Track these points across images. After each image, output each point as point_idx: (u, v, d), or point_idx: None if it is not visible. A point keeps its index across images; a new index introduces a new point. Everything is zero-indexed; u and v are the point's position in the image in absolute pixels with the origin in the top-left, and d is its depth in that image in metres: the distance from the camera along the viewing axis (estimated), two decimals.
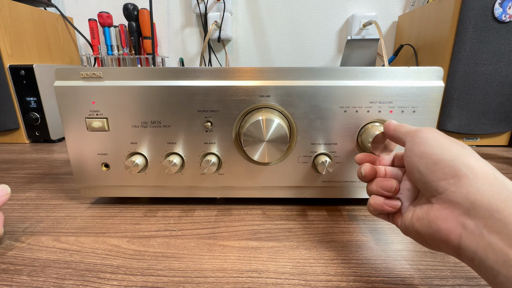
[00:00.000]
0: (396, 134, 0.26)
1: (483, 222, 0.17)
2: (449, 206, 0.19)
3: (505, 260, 0.16)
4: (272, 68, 0.32)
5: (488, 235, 0.17)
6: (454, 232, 0.18)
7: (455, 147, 0.21)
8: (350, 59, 0.78)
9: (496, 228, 0.17)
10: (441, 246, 0.20)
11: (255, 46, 0.94)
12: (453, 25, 0.58)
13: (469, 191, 0.18)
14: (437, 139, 0.22)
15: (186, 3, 0.89)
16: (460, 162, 0.19)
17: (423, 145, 0.22)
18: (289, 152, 0.35)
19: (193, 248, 0.29)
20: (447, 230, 0.19)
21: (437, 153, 0.20)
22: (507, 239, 0.16)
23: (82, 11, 0.91)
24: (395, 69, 0.32)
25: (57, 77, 0.33)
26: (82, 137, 0.35)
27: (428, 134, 0.22)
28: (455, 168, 0.19)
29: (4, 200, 0.29)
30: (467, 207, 0.18)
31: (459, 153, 0.20)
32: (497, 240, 0.16)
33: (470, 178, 0.18)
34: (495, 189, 0.18)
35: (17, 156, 0.59)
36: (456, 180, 0.19)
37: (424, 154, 0.21)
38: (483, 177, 0.18)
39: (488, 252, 0.17)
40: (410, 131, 0.24)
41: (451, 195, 0.19)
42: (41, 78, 0.66)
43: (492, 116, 0.62)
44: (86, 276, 0.25)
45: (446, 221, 0.19)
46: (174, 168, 0.34)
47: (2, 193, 0.29)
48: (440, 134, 0.23)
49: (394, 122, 0.28)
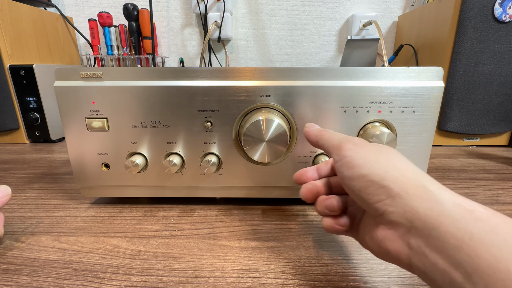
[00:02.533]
0: (320, 146, 0.25)
1: (424, 240, 0.16)
2: (392, 227, 0.18)
3: (450, 281, 0.15)
4: (272, 68, 0.32)
5: (431, 254, 0.16)
6: (403, 253, 0.17)
7: (380, 161, 0.19)
8: (350, 59, 0.78)
9: (437, 247, 0.16)
10: (396, 263, 0.19)
11: (255, 46, 0.94)
12: (453, 25, 0.58)
13: (405, 210, 0.17)
14: (361, 156, 0.20)
15: (186, 3, 0.89)
16: (390, 181, 0.18)
17: (350, 168, 0.20)
18: (289, 152, 0.35)
19: (193, 248, 0.29)
20: (396, 251, 0.18)
21: (365, 174, 0.19)
22: (448, 258, 0.15)
23: (82, 11, 0.91)
24: (395, 69, 0.32)
25: (57, 77, 0.33)
26: (82, 137, 0.35)
27: (352, 150, 0.21)
28: (386, 188, 0.18)
29: (4, 201, 0.29)
30: (408, 226, 0.17)
31: (385, 170, 0.19)
32: (439, 260, 0.15)
33: (402, 196, 0.17)
34: (427, 205, 0.17)
35: (17, 156, 0.59)
36: (391, 200, 0.18)
37: (353, 177, 0.20)
38: (414, 193, 0.17)
39: (435, 272, 0.16)
40: (333, 145, 0.23)
41: (391, 215, 0.18)
42: (41, 78, 0.66)
43: (492, 116, 0.62)
44: (86, 276, 0.25)
45: (393, 242, 0.18)
46: (174, 168, 0.34)
47: (3, 194, 0.29)
48: (363, 145, 0.21)
49: (315, 130, 0.26)
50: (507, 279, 0.13)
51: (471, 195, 0.41)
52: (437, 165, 0.54)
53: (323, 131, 0.25)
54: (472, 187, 0.44)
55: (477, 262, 0.14)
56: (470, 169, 0.52)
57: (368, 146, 0.21)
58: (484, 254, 0.14)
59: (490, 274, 0.13)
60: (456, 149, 0.65)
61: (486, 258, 0.14)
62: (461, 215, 0.16)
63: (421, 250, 0.16)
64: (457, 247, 0.15)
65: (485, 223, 0.15)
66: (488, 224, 0.15)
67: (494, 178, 0.48)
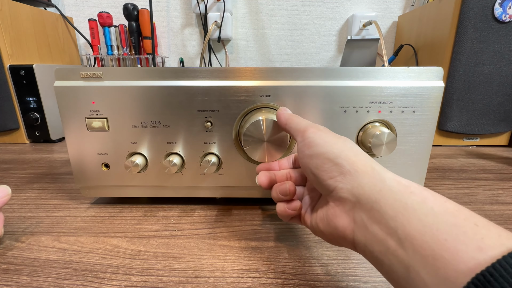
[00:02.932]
0: (287, 129, 0.27)
1: (366, 214, 0.18)
2: (341, 203, 0.20)
3: (386, 249, 0.16)
4: (272, 68, 0.32)
5: (371, 226, 0.17)
6: (348, 228, 0.19)
7: (338, 143, 0.22)
8: (350, 59, 0.78)
9: (376, 218, 0.17)
10: (342, 242, 0.20)
11: (255, 46, 0.94)
12: (453, 25, 0.58)
13: (353, 186, 0.19)
14: (322, 138, 0.22)
15: (186, 3, 0.89)
16: (343, 159, 0.20)
17: (311, 146, 0.22)
18: (289, 152, 0.35)
19: (193, 248, 0.29)
20: (343, 226, 0.19)
21: (323, 152, 0.21)
22: (385, 228, 0.17)
23: (82, 11, 0.91)
24: (395, 69, 0.32)
25: (57, 77, 0.33)
26: (82, 137, 0.35)
27: (315, 133, 0.23)
28: (339, 166, 0.20)
29: (4, 201, 0.29)
30: (353, 202, 0.19)
31: (341, 150, 0.21)
32: (378, 230, 0.17)
33: (352, 173, 0.20)
34: (372, 181, 0.19)
35: (17, 156, 0.59)
36: (342, 177, 0.20)
37: (312, 155, 0.22)
38: (363, 170, 0.19)
39: (373, 243, 0.17)
40: (299, 129, 0.24)
41: (340, 191, 0.20)
42: (41, 78, 0.66)
43: (492, 116, 0.62)
44: (86, 276, 0.25)
45: (341, 217, 0.20)
46: (174, 168, 0.34)
47: (3, 194, 0.29)
48: (326, 131, 0.23)
49: (286, 113, 0.28)
50: (431, 241, 0.14)
51: (471, 195, 0.41)
52: (437, 165, 0.54)
53: (293, 116, 0.27)
54: (472, 187, 0.44)
55: (408, 228, 0.16)
56: (470, 169, 0.52)
57: (330, 132, 0.24)
58: (414, 221, 0.16)
59: (418, 238, 0.15)
60: (456, 149, 0.65)
61: (415, 224, 0.15)
62: (399, 189, 0.18)
63: (363, 223, 0.18)
64: (393, 217, 0.16)
65: (418, 196, 0.17)
66: (420, 197, 0.17)
67: (494, 178, 0.48)
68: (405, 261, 0.15)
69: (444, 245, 0.14)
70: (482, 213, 0.36)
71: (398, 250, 0.16)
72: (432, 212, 0.16)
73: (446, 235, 0.14)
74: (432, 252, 0.14)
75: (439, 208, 0.16)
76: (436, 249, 0.14)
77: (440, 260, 0.14)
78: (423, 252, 0.14)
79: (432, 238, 0.14)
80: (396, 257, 0.16)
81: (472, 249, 0.13)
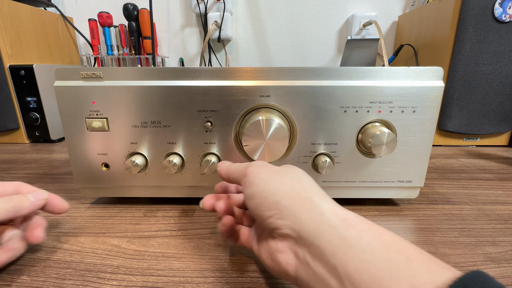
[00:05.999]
0: (232, 179, 0.26)
1: (307, 250, 0.18)
2: (284, 239, 0.19)
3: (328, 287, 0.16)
4: (272, 68, 0.32)
5: (313, 263, 0.17)
6: (291, 264, 0.19)
7: (275, 180, 0.21)
8: (350, 59, 0.78)
9: (318, 255, 0.17)
10: (284, 277, 0.20)
11: (255, 46, 0.94)
12: (453, 25, 0.58)
13: (293, 222, 0.19)
14: (260, 177, 0.22)
15: (186, 3, 0.89)
16: (279, 195, 0.20)
17: (250, 186, 0.22)
18: (289, 152, 0.35)
19: (193, 248, 0.29)
20: (285, 262, 0.19)
21: (260, 191, 0.21)
22: (326, 265, 0.16)
23: (82, 11, 0.91)
24: (395, 69, 0.32)
25: (57, 77, 0.33)
26: (82, 137, 0.35)
27: (254, 173, 0.22)
28: (277, 203, 0.20)
29: (39, 205, 0.27)
30: (295, 237, 0.18)
31: (277, 187, 0.20)
32: (320, 268, 0.17)
33: (290, 209, 0.19)
34: (310, 215, 0.18)
35: (17, 156, 0.59)
36: (280, 214, 0.19)
37: (252, 195, 0.21)
38: (300, 204, 0.19)
39: (316, 282, 0.17)
40: (240, 173, 0.24)
41: (282, 228, 0.19)
42: (41, 78, 0.66)
43: (492, 116, 0.62)
44: (86, 276, 0.25)
45: (284, 253, 0.19)
46: (174, 168, 0.34)
47: (38, 197, 0.27)
48: (265, 169, 0.23)
49: (224, 166, 0.27)
50: (368, 279, 0.14)
51: (471, 195, 0.41)
52: (437, 165, 0.54)
53: (231, 165, 0.27)
54: (472, 187, 0.44)
55: (347, 266, 0.15)
56: (470, 169, 0.52)
57: (269, 167, 0.23)
58: (353, 257, 0.16)
59: (356, 277, 0.15)
60: (456, 149, 0.65)
61: (354, 261, 0.15)
62: (337, 223, 0.17)
63: (305, 260, 0.18)
64: (332, 253, 0.16)
65: (355, 229, 0.17)
66: (357, 230, 0.17)
67: (494, 178, 0.48)
68: None
69: (380, 284, 0.14)
70: (482, 213, 0.36)
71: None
72: (369, 248, 0.16)
73: (382, 272, 0.15)
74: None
75: (376, 242, 0.16)
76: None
77: None
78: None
79: (370, 276, 0.15)
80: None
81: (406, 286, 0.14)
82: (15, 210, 0.25)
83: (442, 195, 0.41)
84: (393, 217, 0.36)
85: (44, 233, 0.27)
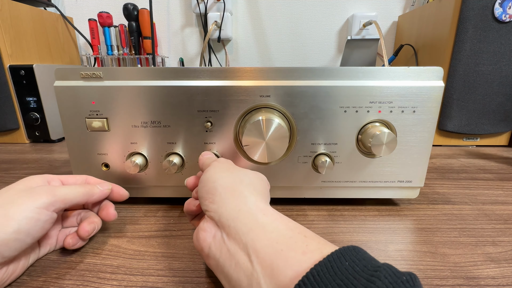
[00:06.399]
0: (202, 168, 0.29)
1: (225, 230, 0.21)
2: (210, 220, 0.22)
3: (236, 263, 0.19)
4: (272, 68, 0.32)
5: (228, 241, 0.20)
6: (207, 241, 0.21)
7: (223, 173, 0.25)
8: (350, 59, 0.78)
9: (232, 234, 0.20)
10: (200, 254, 0.23)
11: (255, 46, 0.94)
12: (453, 25, 0.58)
13: (219, 206, 0.22)
14: (215, 167, 0.26)
15: (186, 3, 0.89)
16: (219, 184, 0.24)
17: (205, 173, 0.26)
18: (289, 152, 0.35)
19: (193, 248, 0.29)
20: (203, 239, 0.22)
21: (208, 178, 0.25)
22: (239, 243, 0.19)
23: (82, 11, 0.91)
24: (395, 69, 0.32)
25: (57, 77, 0.33)
26: (82, 137, 0.35)
27: (213, 165, 0.27)
28: (214, 189, 0.23)
29: (106, 193, 0.31)
30: (217, 219, 0.22)
31: (220, 178, 0.24)
32: (233, 245, 0.20)
33: (221, 196, 0.23)
34: (236, 203, 0.22)
35: (17, 156, 0.59)
36: (213, 198, 0.23)
37: (202, 180, 0.25)
38: (231, 195, 0.23)
39: (226, 258, 0.19)
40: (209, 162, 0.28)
41: (211, 211, 0.22)
42: (41, 78, 0.66)
43: (492, 116, 0.62)
44: (86, 276, 0.25)
45: (205, 231, 0.22)
46: (174, 168, 0.34)
47: (104, 187, 0.31)
48: (224, 164, 0.27)
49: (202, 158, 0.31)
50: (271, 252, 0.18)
51: (471, 195, 0.41)
52: (437, 165, 0.54)
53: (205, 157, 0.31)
54: (472, 187, 0.44)
55: (256, 243, 0.19)
56: (470, 169, 0.52)
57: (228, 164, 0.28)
58: (262, 236, 0.19)
59: (262, 251, 0.18)
60: (456, 149, 0.65)
61: (263, 239, 0.19)
62: (255, 210, 0.21)
63: (221, 238, 0.21)
64: (245, 233, 0.19)
65: (269, 217, 0.21)
66: (271, 218, 0.21)
67: (494, 178, 0.48)
68: (250, 273, 0.18)
69: (280, 254, 0.17)
70: (482, 213, 0.36)
71: (246, 263, 0.18)
72: (277, 229, 0.19)
73: (283, 245, 0.18)
74: (271, 262, 0.17)
75: (283, 226, 0.20)
76: (275, 259, 0.17)
77: (276, 269, 0.17)
78: (264, 263, 0.17)
79: (273, 249, 0.18)
80: (244, 270, 0.18)
81: (299, 253, 0.17)
82: (88, 194, 0.29)
83: (442, 195, 0.41)
84: (393, 217, 0.36)
85: (115, 211, 0.31)
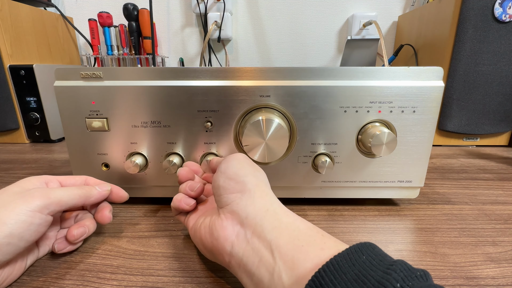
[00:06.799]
0: (212, 166, 0.29)
1: (251, 229, 0.21)
2: (231, 216, 0.22)
3: (259, 259, 0.20)
4: (272, 68, 0.32)
5: (251, 239, 0.21)
6: (229, 240, 0.22)
7: (249, 168, 0.25)
8: (350, 59, 0.78)
9: (257, 232, 0.21)
10: (216, 253, 0.23)
11: (255, 46, 0.94)
12: (453, 25, 0.58)
13: (247, 204, 0.22)
14: (240, 158, 0.25)
15: (186, 3, 0.89)
16: (249, 180, 0.24)
17: (230, 161, 0.25)
18: (289, 152, 0.35)
19: (193, 248, 0.29)
20: (224, 237, 0.22)
21: (235, 167, 0.24)
22: (263, 241, 0.20)
23: (82, 11, 0.91)
24: (395, 69, 0.32)
25: (57, 77, 0.33)
26: (82, 137, 0.35)
27: (236, 155, 0.26)
28: (243, 184, 0.23)
29: (104, 194, 0.30)
30: (243, 217, 0.22)
31: (248, 173, 0.24)
32: (257, 242, 0.20)
33: (251, 194, 0.23)
34: (263, 203, 0.23)
35: (17, 156, 0.59)
36: (241, 194, 0.23)
37: (226, 168, 0.24)
38: (256, 191, 0.23)
39: (250, 255, 0.20)
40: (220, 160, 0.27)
41: (235, 205, 0.23)
42: (41, 78, 0.66)
43: (492, 116, 0.62)
44: (86, 276, 0.25)
45: (225, 229, 0.22)
46: (174, 168, 0.34)
47: (103, 188, 0.30)
48: (245, 157, 0.26)
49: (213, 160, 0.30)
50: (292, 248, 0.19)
51: (471, 195, 0.41)
52: (437, 165, 0.54)
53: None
54: (472, 187, 0.44)
55: (279, 240, 0.20)
56: (470, 169, 0.52)
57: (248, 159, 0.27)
58: (285, 234, 0.20)
59: (284, 247, 0.19)
60: (456, 149, 0.65)
61: (285, 236, 0.20)
62: (279, 211, 0.22)
63: (245, 237, 0.21)
64: (270, 230, 0.21)
65: (291, 218, 0.22)
66: (292, 218, 0.22)
67: (494, 178, 0.48)
68: (272, 268, 0.19)
69: (301, 249, 0.19)
70: (482, 213, 0.36)
71: (269, 260, 0.19)
72: (298, 229, 0.21)
73: (303, 242, 0.19)
74: (292, 256, 0.19)
75: (303, 226, 0.21)
76: (295, 254, 0.19)
77: (296, 262, 0.18)
78: (285, 258, 0.19)
79: (294, 245, 0.19)
80: (267, 266, 0.19)
81: (318, 249, 0.19)
82: (86, 196, 0.28)
83: (442, 195, 0.41)
84: (393, 217, 0.36)
85: (111, 214, 0.30)
